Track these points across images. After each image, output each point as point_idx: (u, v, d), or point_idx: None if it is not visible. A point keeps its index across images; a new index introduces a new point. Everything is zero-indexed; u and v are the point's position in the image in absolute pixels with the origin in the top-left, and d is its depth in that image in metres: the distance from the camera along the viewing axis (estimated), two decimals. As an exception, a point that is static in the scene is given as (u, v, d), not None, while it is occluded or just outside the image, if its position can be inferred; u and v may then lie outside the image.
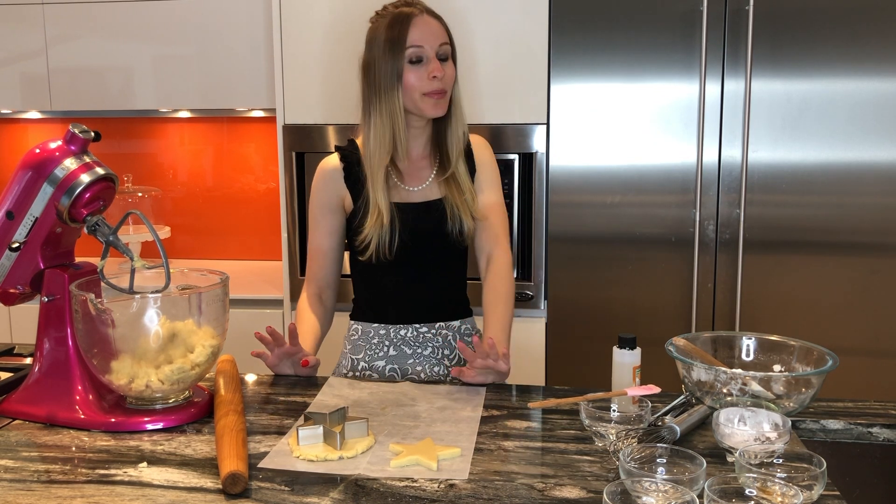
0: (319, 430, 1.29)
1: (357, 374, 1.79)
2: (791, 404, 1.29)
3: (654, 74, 2.50)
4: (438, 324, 1.78)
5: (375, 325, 1.79)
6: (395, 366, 1.77)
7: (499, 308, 1.70)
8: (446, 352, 1.78)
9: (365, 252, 1.70)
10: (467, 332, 1.82)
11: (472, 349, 1.59)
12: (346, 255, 1.83)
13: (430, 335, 1.77)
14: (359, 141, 1.77)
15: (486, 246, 1.78)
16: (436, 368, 1.77)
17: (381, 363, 1.77)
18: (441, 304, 1.80)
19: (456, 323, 1.81)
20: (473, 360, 1.55)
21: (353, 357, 1.80)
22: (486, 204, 1.78)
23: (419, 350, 1.77)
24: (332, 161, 1.77)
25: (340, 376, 1.80)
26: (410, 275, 1.76)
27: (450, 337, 1.79)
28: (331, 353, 1.92)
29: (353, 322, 1.84)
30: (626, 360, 1.44)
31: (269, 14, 2.83)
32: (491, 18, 2.57)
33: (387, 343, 1.77)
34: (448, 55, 1.69)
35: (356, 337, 1.81)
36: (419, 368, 1.76)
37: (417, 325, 1.77)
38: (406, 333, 1.77)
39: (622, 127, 2.53)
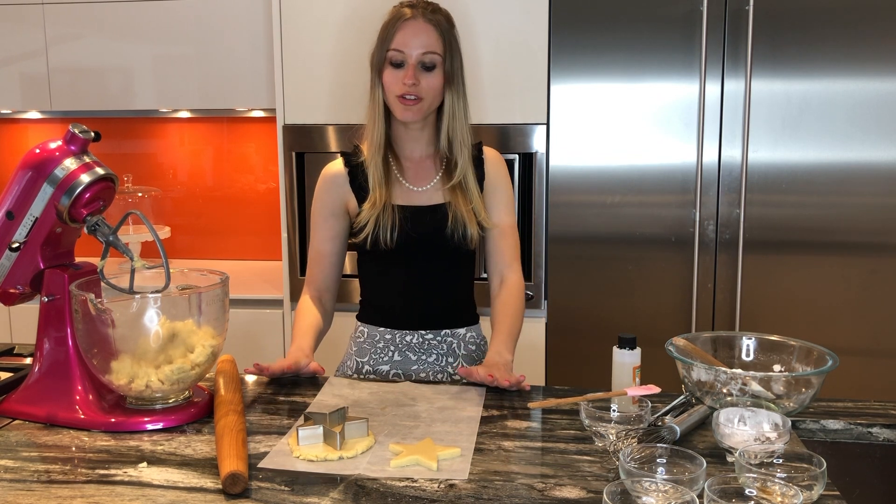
0: (319, 430, 1.29)
1: (361, 376, 1.78)
2: (791, 404, 1.29)
3: (654, 74, 2.50)
4: (444, 331, 1.78)
5: (381, 328, 1.79)
6: (399, 371, 1.77)
7: (506, 322, 1.71)
8: (450, 359, 1.78)
9: (360, 234, 1.71)
10: (472, 341, 1.81)
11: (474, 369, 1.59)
12: (354, 255, 1.83)
13: (435, 342, 1.77)
14: (363, 146, 1.77)
15: (500, 269, 1.78)
16: (439, 375, 1.77)
17: (385, 367, 1.77)
18: (447, 311, 1.79)
19: (461, 331, 1.80)
20: (473, 376, 1.56)
21: (359, 360, 1.80)
22: (501, 226, 1.77)
23: (423, 357, 1.77)
24: (337, 166, 1.78)
25: (344, 377, 1.81)
26: (416, 278, 1.75)
27: (454, 345, 1.79)
28: (333, 354, 1.92)
29: (359, 323, 1.84)
30: (626, 360, 1.44)
31: (269, 14, 2.83)
32: (491, 18, 2.58)
33: (392, 348, 1.77)
34: (435, 64, 1.66)
35: (362, 339, 1.81)
36: (423, 375, 1.76)
37: (423, 332, 1.77)
38: (412, 339, 1.77)
39: (622, 127, 2.53)
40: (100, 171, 1.45)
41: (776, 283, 2.52)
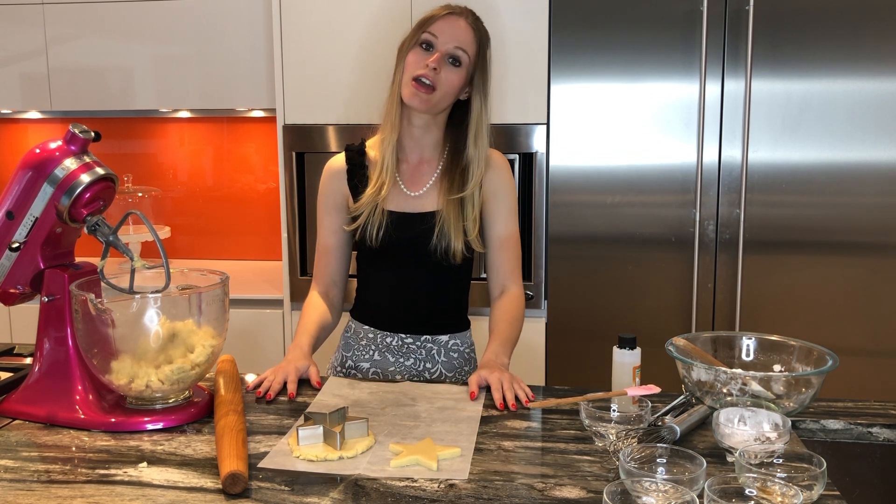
0: (319, 430, 1.29)
1: (344, 370, 1.81)
2: (791, 404, 1.29)
3: (654, 74, 2.50)
4: (424, 336, 1.77)
5: (366, 326, 1.80)
6: (378, 370, 1.78)
7: (505, 329, 1.69)
8: (428, 364, 1.78)
9: (354, 223, 1.72)
10: (454, 348, 1.80)
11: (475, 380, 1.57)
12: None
13: (414, 346, 1.77)
14: (369, 142, 1.78)
15: (502, 279, 1.77)
16: (415, 379, 1.75)
17: (365, 364, 1.79)
18: (430, 318, 1.78)
19: (444, 338, 1.79)
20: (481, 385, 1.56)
21: (344, 354, 1.82)
22: (504, 236, 1.75)
23: (401, 359, 1.77)
24: (338, 161, 1.78)
25: (332, 369, 1.83)
26: (399, 282, 1.76)
27: (434, 351, 1.78)
28: (330, 352, 1.93)
29: (350, 318, 1.86)
30: (626, 360, 1.44)
31: (269, 14, 2.83)
32: (491, 18, 2.56)
33: (372, 347, 1.78)
34: (461, 62, 1.65)
35: (349, 334, 1.84)
36: (398, 377, 1.76)
37: (403, 335, 1.77)
38: (391, 341, 1.77)
39: (622, 127, 2.53)
40: (100, 170, 1.45)
41: (776, 283, 2.52)
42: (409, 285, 1.76)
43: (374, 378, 1.75)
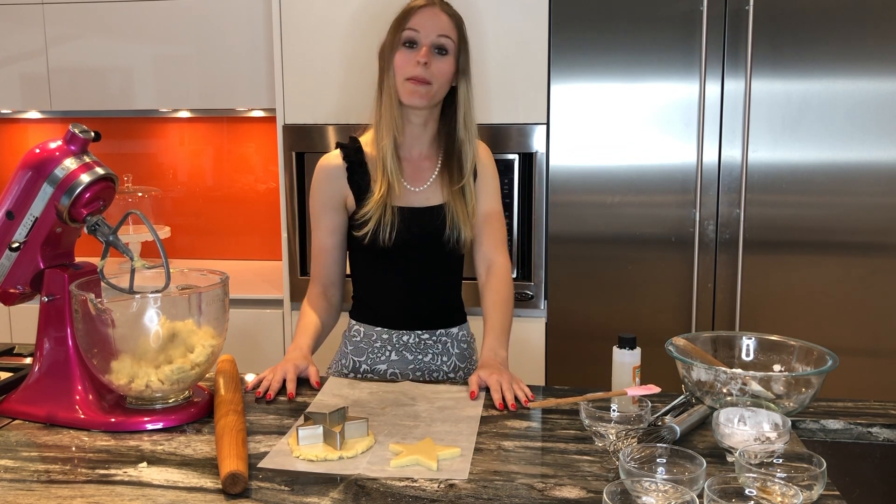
0: (319, 430, 1.29)
1: (358, 375, 1.79)
2: (791, 404, 1.29)
3: (654, 74, 2.50)
4: (439, 331, 1.80)
5: (378, 328, 1.79)
6: (397, 370, 1.78)
7: (499, 312, 1.71)
8: (444, 358, 1.80)
9: (362, 228, 1.69)
10: (463, 339, 1.83)
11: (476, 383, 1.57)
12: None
13: (430, 342, 1.78)
14: (362, 139, 1.76)
15: (488, 253, 1.78)
16: (434, 374, 1.78)
17: (383, 367, 1.78)
18: (441, 311, 1.80)
19: (454, 329, 1.82)
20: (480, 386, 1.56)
21: (356, 358, 1.80)
22: (487, 211, 1.78)
23: (420, 356, 1.78)
24: (334, 159, 1.75)
25: (340, 375, 1.81)
26: (410, 279, 1.76)
27: (448, 344, 1.80)
28: (332, 352, 1.92)
29: (353, 322, 1.84)
30: (626, 360, 1.44)
31: (269, 14, 2.84)
32: (491, 18, 2.57)
33: (389, 348, 1.78)
34: (448, 49, 1.66)
35: (358, 339, 1.81)
36: (419, 374, 1.77)
37: (420, 332, 1.78)
38: (409, 339, 1.78)
39: (622, 127, 2.53)
40: (100, 170, 1.45)
41: (776, 283, 2.52)
42: (421, 280, 1.77)
43: (392, 379, 1.74)
